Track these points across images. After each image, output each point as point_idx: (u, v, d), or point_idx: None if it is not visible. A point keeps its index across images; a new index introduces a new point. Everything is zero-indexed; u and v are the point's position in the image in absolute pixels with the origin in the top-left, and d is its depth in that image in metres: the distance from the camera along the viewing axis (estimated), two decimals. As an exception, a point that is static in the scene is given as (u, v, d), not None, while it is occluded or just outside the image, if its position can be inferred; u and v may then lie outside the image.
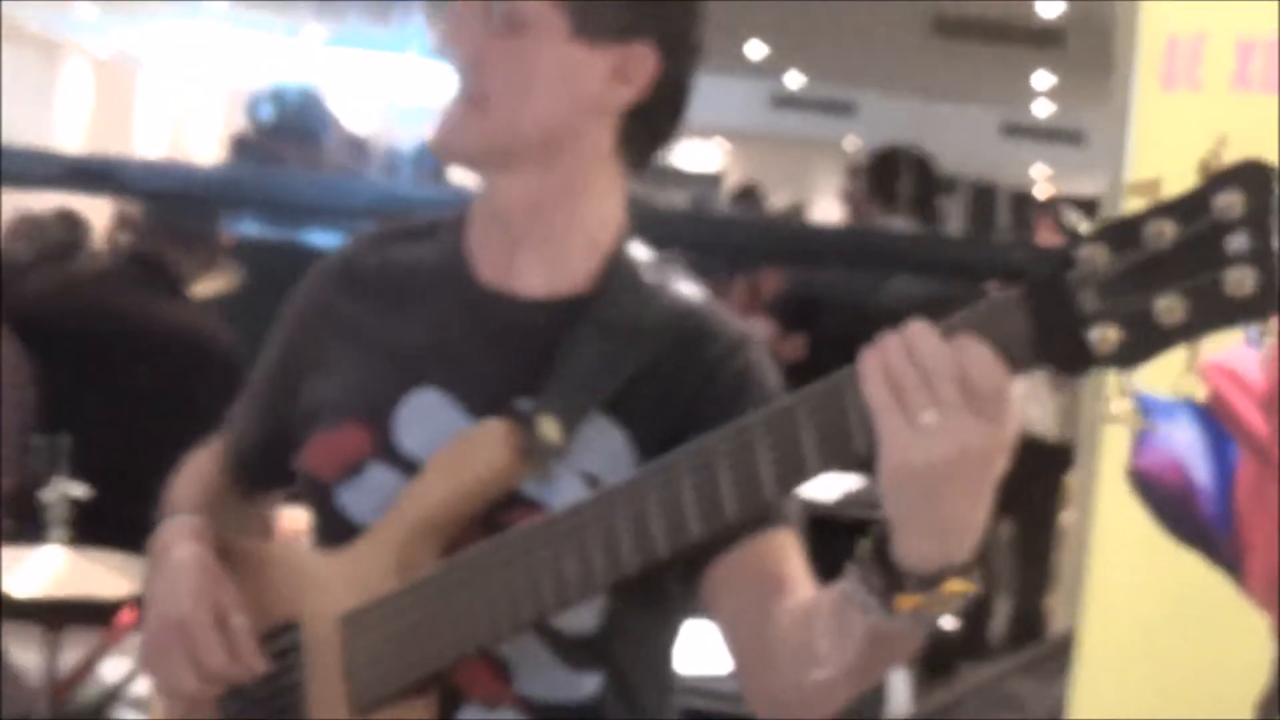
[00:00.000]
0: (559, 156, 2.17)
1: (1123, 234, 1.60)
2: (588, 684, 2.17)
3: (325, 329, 2.32)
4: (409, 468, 2.16)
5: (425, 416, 2.18)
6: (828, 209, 16.65)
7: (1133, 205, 1.62)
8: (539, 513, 2.06)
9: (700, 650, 2.44)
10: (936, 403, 1.66)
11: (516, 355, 2.16)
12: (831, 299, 6.08)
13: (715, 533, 1.91)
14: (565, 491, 2.07)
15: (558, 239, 2.21)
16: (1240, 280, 1.54)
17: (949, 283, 5.71)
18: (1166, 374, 3.05)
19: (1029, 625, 6.98)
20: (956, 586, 1.72)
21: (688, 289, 2.23)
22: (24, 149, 6.69)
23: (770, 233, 7.41)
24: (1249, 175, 1.55)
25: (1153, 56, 3.29)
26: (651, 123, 2.21)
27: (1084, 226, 1.62)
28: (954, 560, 1.72)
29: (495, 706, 2.15)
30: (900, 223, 6.63)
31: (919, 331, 1.68)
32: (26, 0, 19.37)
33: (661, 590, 2.14)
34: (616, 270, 2.21)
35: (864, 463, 1.78)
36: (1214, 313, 1.57)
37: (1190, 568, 3.18)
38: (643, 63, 2.14)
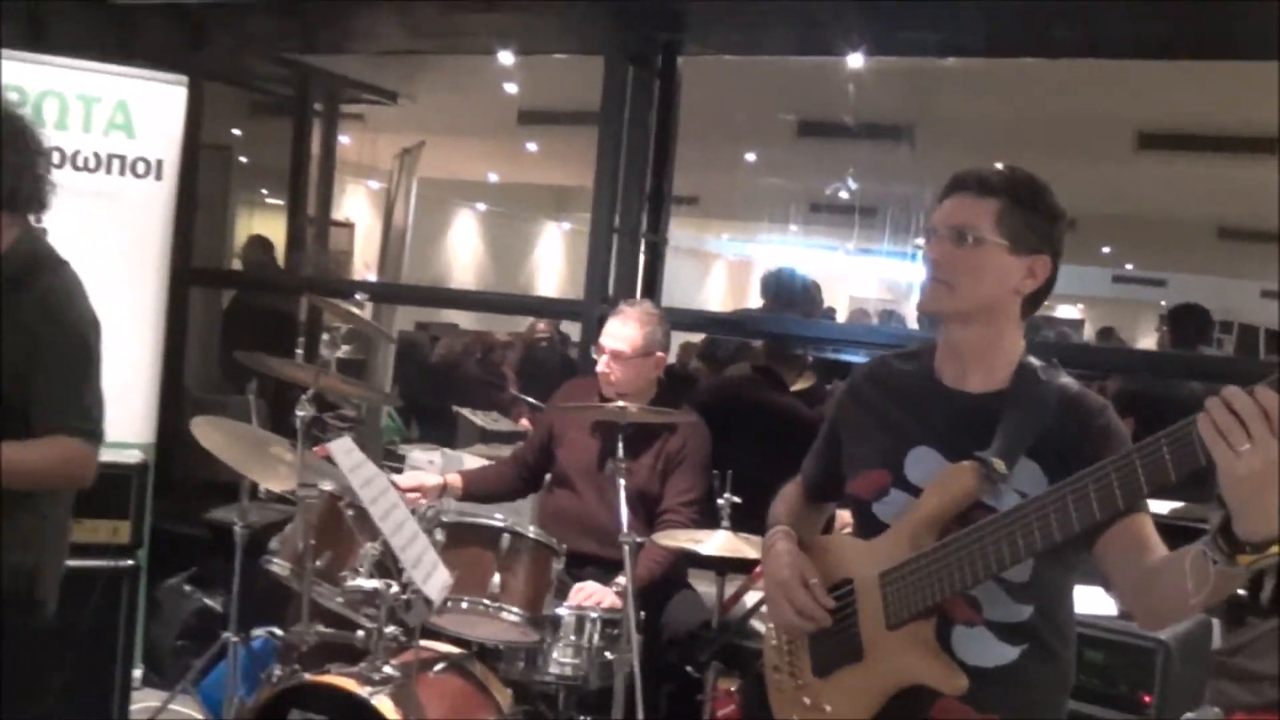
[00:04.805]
0: (991, 317, 2.20)
1: None
2: (1025, 611, 2.17)
3: (857, 411, 2.36)
4: (915, 491, 2.19)
5: (923, 462, 2.21)
6: (1149, 344, 16.06)
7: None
8: (992, 513, 2.05)
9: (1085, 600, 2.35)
10: (1250, 434, 1.65)
11: (972, 425, 2.16)
12: (1149, 395, 5.77)
13: (1109, 517, 1.89)
14: (1007, 501, 2.08)
15: (990, 360, 2.22)
16: None
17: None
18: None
19: (1287, 595, 6.46)
20: (1277, 549, 1.70)
21: (1066, 379, 2.21)
22: (691, 310, 6.99)
23: (1116, 355, 7.16)
24: None
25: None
26: (1039, 297, 2.23)
27: None
28: (1276, 534, 1.70)
29: (973, 627, 2.17)
30: (1203, 350, 6.29)
31: (1233, 391, 1.67)
32: (682, 232, 20.07)
33: (1064, 556, 2.13)
34: (1024, 373, 2.21)
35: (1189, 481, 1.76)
36: None
37: None
38: (1044, 267, 2.19)
